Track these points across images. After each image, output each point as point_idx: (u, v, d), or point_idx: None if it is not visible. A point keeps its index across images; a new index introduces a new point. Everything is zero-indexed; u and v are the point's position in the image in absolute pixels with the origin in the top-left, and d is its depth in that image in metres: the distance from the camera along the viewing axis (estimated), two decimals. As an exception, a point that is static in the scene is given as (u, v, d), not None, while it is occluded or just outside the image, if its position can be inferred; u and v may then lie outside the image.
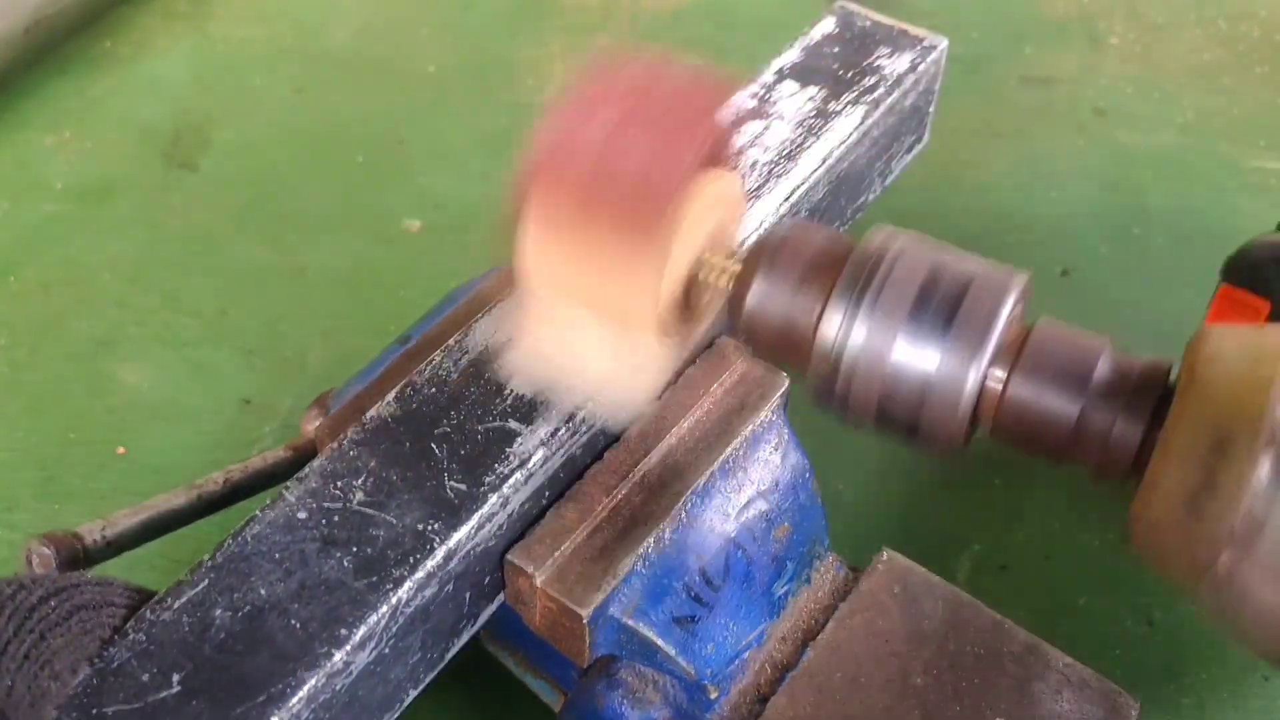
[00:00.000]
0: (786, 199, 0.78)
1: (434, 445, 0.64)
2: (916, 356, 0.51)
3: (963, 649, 0.70)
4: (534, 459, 0.64)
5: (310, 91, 1.51)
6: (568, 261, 0.56)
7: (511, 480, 0.63)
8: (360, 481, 0.63)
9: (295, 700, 0.54)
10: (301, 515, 0.61)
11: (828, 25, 0.90)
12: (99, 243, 1.30)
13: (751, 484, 0.71)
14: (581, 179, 0.54)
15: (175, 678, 0.54)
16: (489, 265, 1.27)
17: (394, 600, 0.58)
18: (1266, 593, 0.44)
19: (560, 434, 0.65)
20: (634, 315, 0.56)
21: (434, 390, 0.67)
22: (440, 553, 0.60)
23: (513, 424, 0.65)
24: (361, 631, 0.56)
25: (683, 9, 1.64)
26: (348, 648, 0.56)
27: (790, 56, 0.88)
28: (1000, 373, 0.51)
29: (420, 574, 0.59)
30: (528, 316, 0.61)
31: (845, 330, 0.52)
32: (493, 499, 0.62)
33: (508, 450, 0.64)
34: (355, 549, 0.60)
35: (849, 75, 0.86)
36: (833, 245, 0.56)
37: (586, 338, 0.59)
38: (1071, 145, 1.41)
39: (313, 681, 0.54)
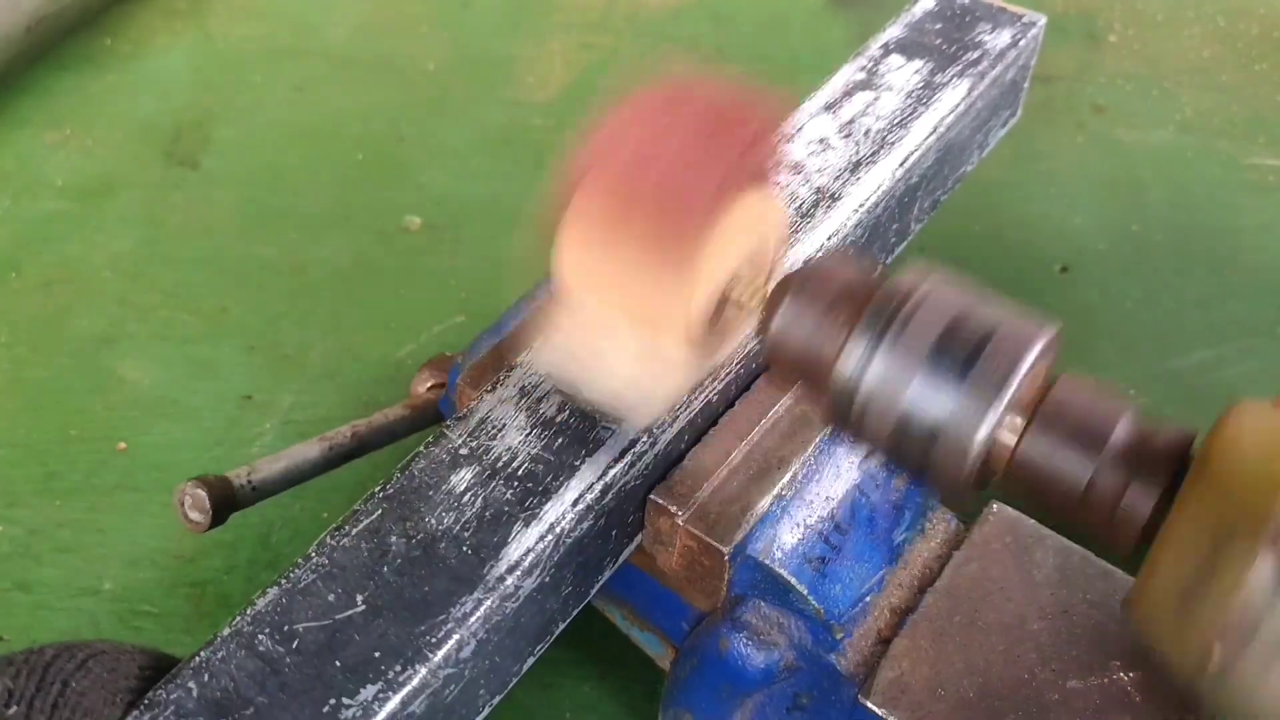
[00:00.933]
0: (901, 164, 0.81)
1: None
2: (931, 400, 0.50)
3: (1075, 596, 0.71)
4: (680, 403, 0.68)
5: (310, 89, 1.51)
6: (602, 264, 0.57)
7: (661, 422, 0.66)
8: (516, 421, 0.66)
9: (474, 620, 0.57)
10: (464, 451, 0.65)
11: (928, 3, 0.93)
12: (100, 240, 1.30)
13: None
14: (622, 185, 0.55)
15: (359, 598, 0.58)
16: (488, 262, 1.28)
17: (558, 530, 0.61)
18: (1263, 693, 0.42)
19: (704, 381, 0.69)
20: (663, 322, 0.58)
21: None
22: (598, 486, 0.63)
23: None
24: (530, 559, 0.60)
25: (682, 7, 1.64)
26: (518, 572, 0.59)
27: (894, 32, 0.91)
28: (1015, 426, 0.50)
29: (581, 506, 0.62)
30: (561, 314, 0.62)
31: (863, 364, 0.52)
32: (644, 438, 0.65)
33: None
34: (517, 482, 0.63)
35: (952, 50, 0.89)
36: (862, 278, 0.56)
37: (615, 339, 0.60)
38: (1070, 142, 1.41)
39: (489, 603, 0.58)
